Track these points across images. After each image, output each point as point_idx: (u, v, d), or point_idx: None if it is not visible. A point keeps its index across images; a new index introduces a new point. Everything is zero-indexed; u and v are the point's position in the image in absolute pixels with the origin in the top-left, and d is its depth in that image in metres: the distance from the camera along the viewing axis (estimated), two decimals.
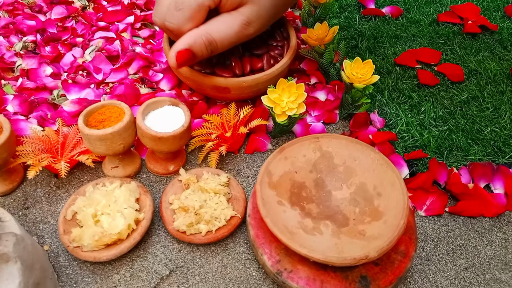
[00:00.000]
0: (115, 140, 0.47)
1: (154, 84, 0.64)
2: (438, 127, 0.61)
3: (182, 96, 0.62)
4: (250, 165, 0.56)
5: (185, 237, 0.46)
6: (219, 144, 0.54)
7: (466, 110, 0.63)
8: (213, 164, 0.53)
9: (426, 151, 0.57)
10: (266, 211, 0.42)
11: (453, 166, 0.55)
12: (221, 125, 0.55)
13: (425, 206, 0.52)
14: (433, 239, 0.50)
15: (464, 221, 0.52)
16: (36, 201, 0.52)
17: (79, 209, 0.46)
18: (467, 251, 0.49)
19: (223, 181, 0.50)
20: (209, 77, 0.55)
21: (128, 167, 0.53)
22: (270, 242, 0.44)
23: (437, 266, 0.48)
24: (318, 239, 0.42)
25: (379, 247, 0.40)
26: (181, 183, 0.51)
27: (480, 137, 0.59)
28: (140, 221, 0.46)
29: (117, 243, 0.45)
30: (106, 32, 0.72)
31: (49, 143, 0.52)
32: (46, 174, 0.54)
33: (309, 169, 0.48)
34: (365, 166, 0.47)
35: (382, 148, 0.56)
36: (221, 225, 0.47)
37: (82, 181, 0.54)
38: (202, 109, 0.60)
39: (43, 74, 0.64)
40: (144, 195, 0.48)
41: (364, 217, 0.44)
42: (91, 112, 0.49)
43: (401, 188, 0.44)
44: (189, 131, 0.50)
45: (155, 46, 0.70)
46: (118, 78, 0.64)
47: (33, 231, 0.49)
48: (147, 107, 0.50)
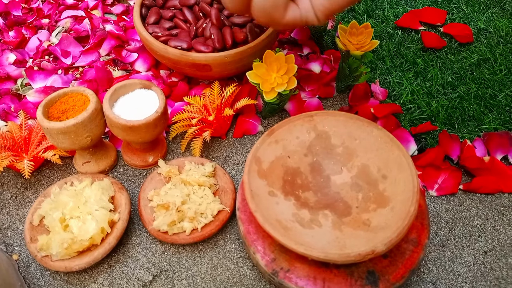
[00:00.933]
0: (79, 132, 0.41)
1: (128, 66, 0.58)
2: (447, 95, 0.54)
3: (160, 77, 0.56)
4: (239, 150, 0.51)
5: (168, 237, 0.41)
6: (203, 129, 0.48)
7: (477, 74, 0.57)
8: (197, 153, 0.47)
9: (435, 123, 0.51)
10: (256, 204, 0.37)
11: (466, 138, 0.50)
12: (204, 107, 0.49)
13: (437, 185, 0.46)
14: (447, 222, 0.45)
15: (481, 199, 0.46)
16: (3, 205, 0.46)
17: (46, 213, 0.41)
18: (486, 232, 0.44)
19: (208, 171, 0.44)
20: (186, 54, 0.48)
21: (102, 162, 0.47)
22: (263, 238, 0.39)
23: (453, 252, 0.43)
24: (316, 233, 0.37)
25: (387, 239, 0.34)
26: (161, 176, 0.45)
27: (494, 104, 0.53)
28: (115, 223, 0.41)
29: (90, 249, 0.40)
30: (74, 11, 0.65)
31: (12, 139, 0.46)
32: (12, 174, 0.49)
33: (304, 153, 0.42)
34: (367, 146, 0.41)
35: (386, 122, 0.50)
36: (207, 221, 0.41)
37: (52, 179, 0.48)
38: (182, 91, 0.54)
39: (6, 62, 0.58)
40: (119, 193, 0.43)
41: (368, 204, 0.39)
42: (52, 102, 0.43)
43: (410, 169, 0.38)
44: (165, 117, 0.44)
45: (129, 23, 0.63)
46: (88, 61, 0.58)
47: (1, 239, 0.44)
48: (115, 92, 0.44)
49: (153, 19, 0.53)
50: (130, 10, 0.67)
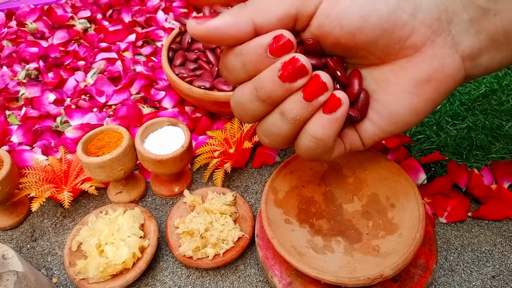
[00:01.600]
0: (114, 166, 0.46)
1: (157, 103, 0.63)
2: (455, 126, 0.57)
3: (185, 113, 0.60)
4: (258, 180, 0.54)
5: (192, 262, 0.44)
6: (224, 161, 0.52)
7: (484, 105, 0.59)
8: (218, 183, 0.51)
9: (443, 153, 0.54)
10: (273, 231, 0.40)
11: (473, 167, 0.52)
12: (225, 140, 0.53)
13: (446, 213, 0.49)
14: (457, 247, 0.47)
15: (489, 226, 0.48)
16: (43, 233, 0.51)
17: (83, 239, 0.45)
18: (494, 258, 0.46)
19: (228, 200, 0.48)
20: (208, 93, 0.53)
21: (133, 192, 0.52)
22: (280, 263, 0.42)
23: (461, 277, 0.45)
24: (329, 258, 0.40)
25: (395, 263, 0.37)
26: (186, 205, 0.49)
27: (501, 133, 0.55)
28: (145, 249, 0.45)
29: (123, 273, 0.44)
30: (108, 53, 0.71)
31: (52, 172, 0.51)
32: (52, 204, 0.53)
33: (317, 183, 0.46)
34: (376, 176, 0.44)
35: (397, 152, 0.53)
36: (228, 247, 0.45)
37: (88, 208, 0.53)
38: (206, 125, 0.58)
39: (46, 101, 0.63)
40: (148, 221, 0.47)
41: (378, 231, 0.42)
42: (90, 139, 0.48)
43: (416, 198, 0.41)
44: (190, 151, 0.48)
45: (157, 64, 0.69)
46: (120, 99, 0.63)
47: (41, 264, 0.48)
48: (146, 129, 0.49)
49: (179, 61, 0.58)
50: (158, 51, 0.73)
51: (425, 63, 0.29)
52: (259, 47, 0.27)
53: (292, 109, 0.29)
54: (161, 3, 0.85)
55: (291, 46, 0.28)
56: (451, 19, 0.28)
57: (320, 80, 0.28)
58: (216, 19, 0.27)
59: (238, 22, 0.27)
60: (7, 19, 0.82)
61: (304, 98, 0.28)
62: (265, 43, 0.27)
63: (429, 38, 0.28)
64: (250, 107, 0.30)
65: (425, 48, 0.29)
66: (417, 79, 0.30)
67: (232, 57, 0.29)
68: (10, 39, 0.76)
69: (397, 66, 0.30)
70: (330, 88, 0.29)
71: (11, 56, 0.72)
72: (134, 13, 0.82)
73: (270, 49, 0.27)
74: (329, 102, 0.29)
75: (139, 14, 0.81)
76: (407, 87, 0.30)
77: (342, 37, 0.28)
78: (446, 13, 0.28)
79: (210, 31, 0.27)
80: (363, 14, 0.27)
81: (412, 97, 0.30)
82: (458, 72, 0.30)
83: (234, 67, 0.29)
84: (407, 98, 0.30)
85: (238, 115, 0.32)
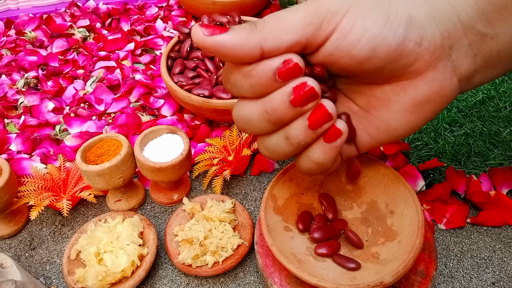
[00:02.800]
0: (113, 174, 0.46)
1: (155, 111, 0.63)
2: (453, 132, 0.57)
3: (184, 121, 0.61)
4: (257, 187, 0.54)
5: (192, 270, 0.44)
6: (223, 168, 0.52)
7: (482, 112, 0.60)
8: (217, 190, 0.51)
9: (442, 160, 0.54)
10: (272, 239, 0.40)
11: (472, 173, 0.52)
12: (224, 148, 0.54)
13: (445, 219, 0.49)
14: (456, 254, 0.47)
15: (488, 232, 0.48)
16: (42, 241, 0.51)
17: (82, 248, 0.45)
18: (493, 264, 0.46)
19: (228, 208, 0.48)
20: (207, 101, 0.53)
21: (132, 200, 0.51)
22: (279, 271, 0.42)
23: (461, 283, 0.44)
24: (328, 265, 0.40)
25: (395, 270, 0.37)
26: (185, 213, 0.49)
27: (499, 140, 0.56)
28: (144, 257, 0.44)
29: (122, 281, 0.43)
30: (107, 62, 0.72)
31: (51, 180, 0.51)
32: (51, 213, 0.53)
33: (316, 189, 0.46)
34: (374, 183, 0.45)
35: (395, 159, 0.53)
36: (228, 255, 0.45)
37: (87, 217, 0.53)
38: (204, 133, 0.58)
39: (45, 109, 0.64)
40: (147, 229, 0.47)
41: (377, 237, 0.42)
42: (89, 147, 0.48)
43: (415, 205, 0.41)
44: (189, 159, 0.48)
45: (156, 72, 0.69)
46: (119, 107, 0.63)
47: (40, 272, 0.48)
48: (145, 137, 0.49)
49: (178, 70, 0.58)
50: (157, 59, 0.73)
51: (425, 86, 0.30)
52: (268, 70, 0.27)
53: (297, 135, 0.30)
54: (159, 12, 0.86)
55: (300, 71, 0.28)
56: (453, 45, 0.29)
57: (325, 109, 0.29)
58: (225, 36, 0.26)
59: (247, 45, 0.27)
60: (6, 27, 0.83)
61: (309, 126, 0.29)
62: (274, 67, 0.27)
63: (432, 64, 0.29)
64: (258, 126, 0.30)
65: (427, 73, 0.30)
66: (417, 100, 0.31)
67: (239, 75, 0.29)
68: (9, 48, 0.76)
69: (399, 87, 0.31)
70: (334, 117, 0.29)
71: (10, 65, 0.72)
72: (133, 22, 0.82)
73: (279, 73, 0.27)
74: (331, 132, 0.30)
75: (138, 23, 0.82)
76: (406, 106, 0.31)
77: (351, 65, 0.29)
78: (449, 39, 0.29)
79: (217, 46, 0.27)
80: (372, 46, 0.28)
81: (410, 115, 0.31)
82: (454, 92, 0.31)
83: (241, 85, 0.29)
84: (405, 116, 0.32)
85: (242, 128, 0.32)
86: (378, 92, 0.32)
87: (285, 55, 0.27)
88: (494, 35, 0.29)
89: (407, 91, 0.31)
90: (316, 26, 0.27)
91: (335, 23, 0.28)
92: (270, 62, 0.27)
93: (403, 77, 0.30)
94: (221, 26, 0.27)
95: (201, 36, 0.26)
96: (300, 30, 0.27)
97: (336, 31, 0.28)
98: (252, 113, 0.30)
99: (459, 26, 0.29)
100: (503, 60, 0.31)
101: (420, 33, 0.28)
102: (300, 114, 0.29)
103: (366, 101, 0.33)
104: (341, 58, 0.29)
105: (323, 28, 0.28)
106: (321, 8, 0.28)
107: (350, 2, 0.28)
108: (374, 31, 0.27)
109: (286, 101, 0.28)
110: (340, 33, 0.28)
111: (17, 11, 0.87)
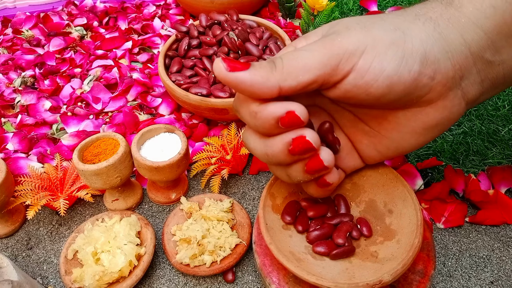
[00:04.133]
0: (110, 173, 0.46)
1: (153, 110, 0.63)
2: (452, 131, 0.57)
3: (182, 120, 0.60)
4: (255, 186, 0.54)
5: (189, 269, 0.44)
6: (221, 168, 0.52)
7: (481, 110, 0.60)
8: (215, 189, 0.51)
9: (440, 158, 0.54)
10: (271, 237, 0.40)
11: (470, 172, 0.52)
12: (222, 147, 0.53)
13: (444, 218, 0.49)
14: (454, 253, 0.47)
15: (487, 231, 0.48)
16: (39, 241, 0.50)
17: (79, 247, 0.45)
18: (492, 263, 0.46)
19: (226, 207, 0.48)
20: (205, 100, 0.53)
21: (129, 199, 0.51)
22: (278, 270, 0.42)
23: (460, 282, 0.44)
24: (327, 264, 0.40)
25: (393, 269, 0.37)
26: (183, 212, 0.49)
27: (498, 138, 0.56)
28: (141, 256, 0.44)
29: (119, 281, 0.43)
30: (104, 60, 0.71)
31: (48, 180, 0.51)
32: (48, 212, 0.53)
33: None
34: (373, 182, 0.44)
35: (393, 158, 0.53)
36: (226, 254, 0.45)
37: (84, 216, 0.52)
38: (202, 132, 0.58)
39: (42, 108, 0.63)
40: (145, 228, 0.47)
41: (376, 237, 0.42)
42: (86, 146, 0.48)
43: (414, 204, 0.41)
44: (186, 158, 0.48)
45: (153, 70, 0.69)
46: (117, 106, 0.63)
47: (37, 272, 0.48)
48: (142, 136, 0.48)
49: (175, 68, 0.58)
50: (155, 58, 0.73)
51: (436, 112, 0.32)
52: (272, 117, 0.28)
53: (296, 176, 0.33)
54: (157, 10, 0.86)
55: (302, 123, 0.29)
56: (463, 75, 0.31)
57: (320, 161, 0.31)
58: (245, 74, 0.27)
59: (266, 85, 0.28)
60: (3, 26, 0.82)
61: (306, 172, 0.31)
62: (278, 116, 0.28)
63: (443, 94, 0.31)
64: (262, 158, 0.32)
65: (438, 101, 0.31)
66: (427, 124, 0.33)
67: (246, 113, 0.30)
68: (5, 47, 0.76)
69: (410, 113, 0.32)
70: (330, 166, 0.31)
71: (7, 64, 0.72)
72: (130, 21, 0.82)
73: (281, 122, 0.28)
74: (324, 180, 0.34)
75: (135, 22, 0.81)
76: (417, 130, 0.33)
77: (367, 100, 0.30)
78: (460, 70, 0.31)
79: (237, 83, 0.27)
80: (388, 84, 0.29)
81: (419, 136, 0.34)
82: (461, 114, 0.33)
83: (248, 121, 0.30)
84: (415, 137, 0.34)
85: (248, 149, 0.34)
86: (390, 117, 0.34)
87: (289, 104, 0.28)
88: (501, 62, 0.31)
89: (417, 116, 0.32)
90: (333, 67, 0.28)
91: (352, 63, 0.29)
92: (274, 109, 0.28)
93: (415, 105, 0.32)
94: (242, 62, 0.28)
95: (222, 71, 0.27)
96: (317, 71, 0.28)
97: (353, 71, 0.29)
98: (256, 148, 0.32)
99: (469, 57, 0.30)
100: (507, 80, 0.33)
101: (433, 68, 0.29)
102: (297, 160, 0.31)
103: (377, 123, 0.35)
104: (358, 94, 0.30)
105: (340, 68, 0.29)
106: (338, 49, 0.28)
107: (367, 41, 0.29)
108: (390, 71, 0.29)
109: (285, 149, 0.29)
110: (358, 72, 0.29)
111: (14, 9, 0.87)
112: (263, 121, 0.29)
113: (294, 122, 0.28)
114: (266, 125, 0.29)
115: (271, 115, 0.28)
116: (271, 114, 0.28)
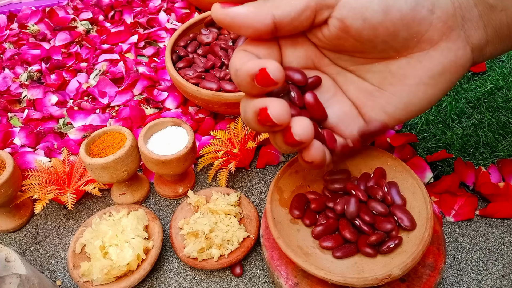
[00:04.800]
0: (117, 167, 0.45)
1: (159, 104, 0.62)
2: (461, 123, 0.57)
3: (188, 113, 0.60)
4: (263, 180, 0.54)
5: (197, 263, 0.44)
6: (228, 161, 0.52)
7: (490, 102, 0.59)
8: (223, 183, 0.51)
9: (450, 151, 0.53)
10: (278, 231, 0.40)
11: (480, 165, 0.51)
12: (229, 140, 0.53)
13: (454, 211, 0.48)
14: (465, 246, 0.46)
15: (497, 224, 0.48)
16: (47, 235, 0.51)
17: (87, 241, 0.45)
18: (502, 256, 0.45)
19: (233, 201, 0.47)
20: (218, 94, 0.52)
21: (137, 193, 0.51)
22: (286, 264, 0.41)
23: (470, 276, 0.44)
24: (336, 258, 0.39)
25: (403, 263, 0.36)
26: (190, 206, 0.48)
27: (508, 131, 0.55)
28: (149, 250, 0.44)
29: (127, 274, 0.43)
30: (110, 54, 0.71)
31: (55, 174, 0.51)
32: (55, 206, 0.53)
33: (323, 182, 0.45)
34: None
35: (402, 151, 0.52)
36: (233, 248, 0.44)
37: (92, 210, 0.52)
38: (209, 126, 0.58)
39: (48, 103, 0.63)
40: (152, 222, 0.47)
41: None
42: (93, 140, 0.48)
43: (423, 197, 0.40)
44: (193, 152, 0.48)
45: (159, 64, 0.69)
46: (123, 100, 0.63)
47: (45, 266, 0.48)
48: (149, 129, 0.48)
49: (183, 63, 0.58)
50: (160, 52, 0.73)
51: (440, 56, 0.30)
52: (248, 75, 0.27)
53: (281, 147, 0.31)
54: (163, 4, 0.85)
55: (274, 83, 0.27)
56: (464, 15, 0.30)
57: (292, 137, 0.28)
58: (239, 8, 0.28)
59: (259, 14, 0.28)
60: (8, 21, 0.82)
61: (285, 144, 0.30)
62: (253, 73, 0.27)
63: (445, 33, 0.30)
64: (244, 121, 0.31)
65: (441, 42, 0.30)
66: (433, 72, 0.31)
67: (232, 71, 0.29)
68: (12, 41, 0.76)
69: (414, 60, 0.31)
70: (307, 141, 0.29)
71: (13, 58, 0.72)
72: (136, 14, 0.82)
73: (256, 79, 0.27)
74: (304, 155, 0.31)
75: (141, 15, 0.81)
76: (423, 79, 0.31)
77: (365, 30, 0.29)
78: (460, 9, 0.30)
79: (231, 17, 0.28)
80: (384, 8, 0.28)
81: (427, 88, 0.32)
82: (468, 62, 0.31)
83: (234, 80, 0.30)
84: (423, 90, 0.32)
85: None
86: (393, 67, 0.32)
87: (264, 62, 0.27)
88: (503, 8, 0.30)
89: (422, 63, 0.31)
90: None
91: None
92: (249, 67, 0.27)
93: (418, 48, 0.30)
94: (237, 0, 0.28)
95: (217, 9, 0.28)
96: None
97: None
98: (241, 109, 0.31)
99: None
100: None
101: (432, 1, 0.29)
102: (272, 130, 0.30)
103: (381, 78, 0.33)
104: (355, 21, 0.29)
105: None
106: None
107: None
108: None
109: (255, 118, 0.28)
110: None
111: (20, 4, 0.87)
112: (242, 79, 0.28)
113: (266, 80, 0.27)
114: (244, 83, 0.28)
115: (247, 72, 0.27)
116: (247, 71, 0.27)
